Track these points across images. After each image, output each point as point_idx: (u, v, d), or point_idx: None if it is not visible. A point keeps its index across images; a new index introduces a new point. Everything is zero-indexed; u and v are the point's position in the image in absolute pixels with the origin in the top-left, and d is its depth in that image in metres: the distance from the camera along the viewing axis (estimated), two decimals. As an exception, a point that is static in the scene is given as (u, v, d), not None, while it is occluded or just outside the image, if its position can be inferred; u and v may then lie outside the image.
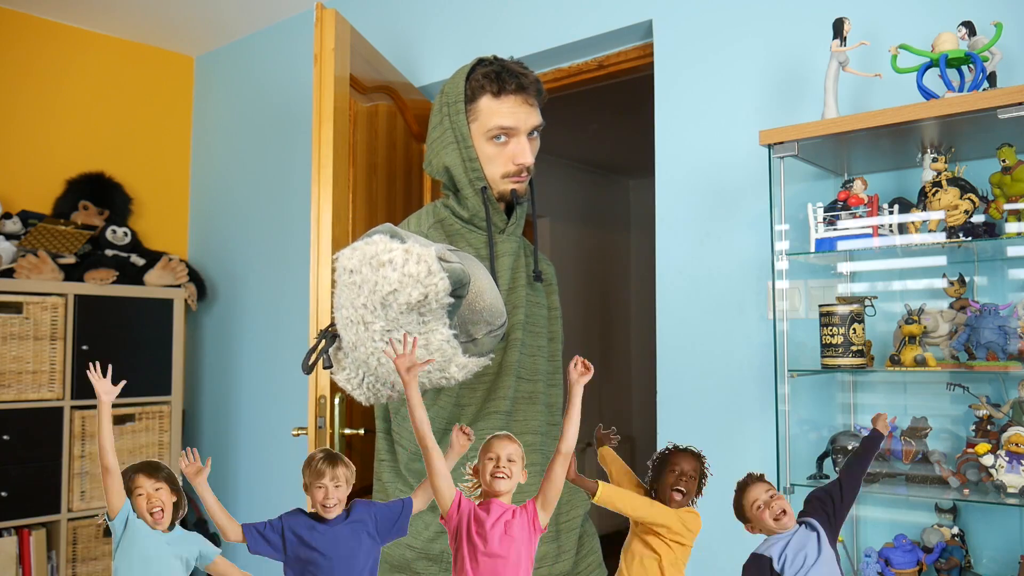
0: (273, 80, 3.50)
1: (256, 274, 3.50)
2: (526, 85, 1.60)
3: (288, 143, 3.37)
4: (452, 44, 2.81)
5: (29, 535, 2.90)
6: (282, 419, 3.30)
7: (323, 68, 1.97)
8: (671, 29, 2.29)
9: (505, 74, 1.59)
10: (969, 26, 1.62)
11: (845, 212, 1.68)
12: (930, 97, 1.60)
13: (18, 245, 3.08)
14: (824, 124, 1.63)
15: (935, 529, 1.66)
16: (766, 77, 2.09)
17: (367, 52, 2.24)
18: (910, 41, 1.74)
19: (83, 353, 3.07)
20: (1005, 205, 1.53)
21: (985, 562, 1.69)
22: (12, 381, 2.91)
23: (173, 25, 3.56)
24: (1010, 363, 1.52)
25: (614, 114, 4.63)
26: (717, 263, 2.18)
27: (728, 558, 1.40)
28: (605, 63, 2.56)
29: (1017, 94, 1.42)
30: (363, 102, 2.21)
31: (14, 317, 2.92)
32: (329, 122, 1.96)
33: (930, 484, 1.60)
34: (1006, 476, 1.47)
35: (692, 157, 2.22)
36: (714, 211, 2.19)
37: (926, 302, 1.68)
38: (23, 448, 2.91)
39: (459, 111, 1.61)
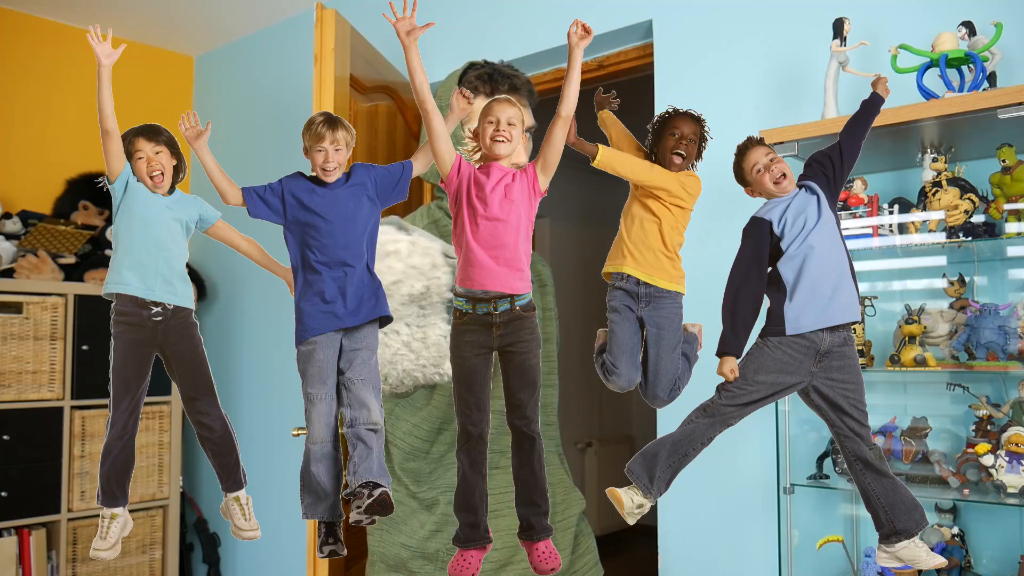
0: (273, 80, 3.50)
1: (256, 274, 3.49)
2: (518, 86, 1.62)
3: (288, 143, 3.36)
4: (452, 44, 2.81)
5: (29, 535, 2.90)
6: (282, 419, 3.29)
7: (323, 68, 1.97)
8: (671, 29, 2.29)
9: (498, 75, 1.62)
10: (969, 26, 1.62)
11: (845, 212, 1.68)
12: (930, 97, 1.60)
13: (18, 245, 3.08)
14: (824, 124, 1.63)
15: (935, 529, 1.66)
16: (766, 77, 2.09)
17: (367, 52, 2.24)
18: (910, 41, 1.74)
19: (83, 353, 3.07)
20: (1005, 205, 1.53)
21: (985, 562, 1.69)
22: (12, 381, 2.91)
23: (173, 25, 3.56)
24: (1010, 363, 1.52)
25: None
26: (717, 263, 2.17)
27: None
28: (605, 63, 2.56)
29: (1017, 94, 1.42)
30: (363, 102, 2.21)
31: (14, 317, 2.92)
32: (329, 122, 1.95)
33: (930, 484, 1.60)
34: (1006, 476, 1.47)
35: (692, 157, 2.22)
36: (714, 211, 2.18)
37: (926, 302, 1.68)
38: (23, 448, 2.91)
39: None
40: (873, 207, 1.66)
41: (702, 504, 2.13)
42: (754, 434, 2.04)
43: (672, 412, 2.21)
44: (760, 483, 2.02)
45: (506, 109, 1.12)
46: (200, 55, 3.90)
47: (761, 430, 2.03)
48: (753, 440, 2.05)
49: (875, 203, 1.66)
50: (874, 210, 1.66)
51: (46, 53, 3.46)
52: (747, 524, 2.04)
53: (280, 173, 1.45)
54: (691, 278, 2.20)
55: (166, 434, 3.28)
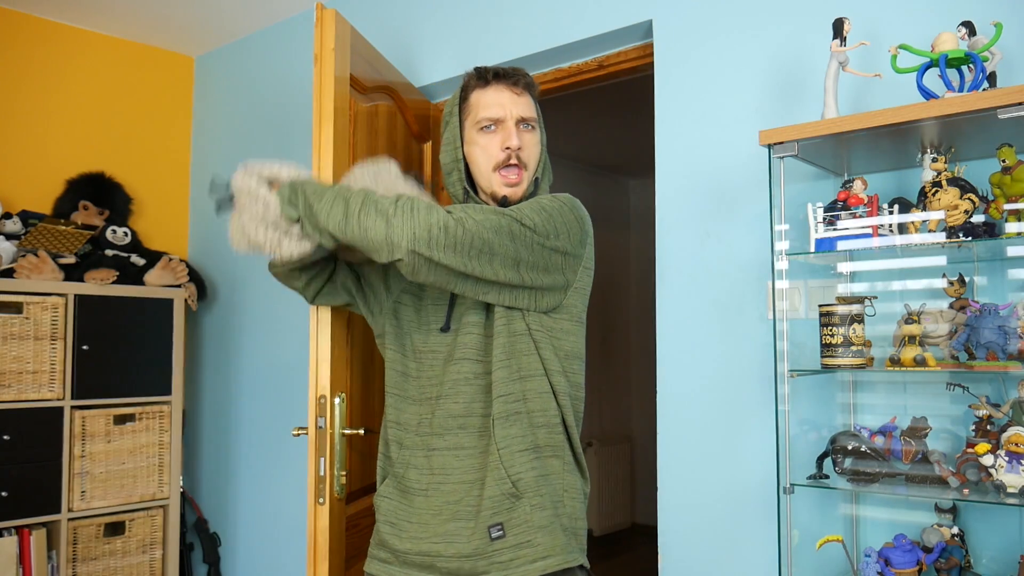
0: (273, 80, 3.50)
1: (256, 274, 3.50)
2: (513, 76, 1.66)
3: (288, 143, 3.37)
4: (452, 44, 2.81)
5: (29, 535, 2.90)
6: (282, 419, 3.30)
7: (323, 68, 1.97)
8: (671, 29, 2.29)
9: (494, 68, 1.67)
10: (969, 26, 1.62)
11: (845, 212, 1.68)
12: (930, 97, 1.60)
13: (18, 245, 3.08)
14: (824, 124, 1.63)
15: (935, 529, 1.66)
16: (766, 77, 2.09)
17: (367, 52, 2.24)
18: (910, 41, 1.74)
19: (83, 353, 3.07)
20: (1005, 205, 1.53)
21: (985, 562, 1.69)
22: (12, 381, 2.91)
23: (173, 25, 3.56)
24: (1010, 363, 1.52)
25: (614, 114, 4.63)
26: (717, 263, 2.18)
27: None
28: (605, 63, 2.56)
29: (1017, 94, 1.42)
30: (363, 102, 2.21)
31: (14, 317, 2.92)
32: (329, 122, 1.96)
33: (930, 484, 1.60)
34: (1006, 476, 1.47)
35: (692, 157, 2.22)
36: (714, 211, 2.19)
37: (926, 302, 1.68)
38: (23, 448, 2.91)
39: (453, 112, 1.67)
40: (873, 207, 1.66)
41: (702, 504, 2.14)
42: (754, 434, 2.05)
43: (672, 411, 2.21)
44: (760, 483, 2.02)
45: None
46: (200, 55, 3.90)
47: (761, 430, 2.03)
48: (753, 440, 2.05)
49: (875, 203, 1.66)
50: (874, 210, 1.66)
51: (46, 53, 3.46)
52: (747, 524, 2.04)
53: (280, 173, 1.46)
54: (691, 278, 2.21)
55: (166, 434, 3.28)
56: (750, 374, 2.07)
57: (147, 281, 3.32)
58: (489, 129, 1.63)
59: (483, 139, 1.63)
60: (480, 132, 1.64)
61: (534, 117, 1.67)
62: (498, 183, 1.63)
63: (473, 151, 1.65)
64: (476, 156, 1.65)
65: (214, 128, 3.80)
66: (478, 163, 1.65)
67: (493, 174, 1.63)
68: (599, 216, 6.29)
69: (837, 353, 1.66)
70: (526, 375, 1.54)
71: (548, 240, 1.51)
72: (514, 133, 1.62)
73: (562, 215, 1.55)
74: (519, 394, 1.53)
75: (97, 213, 3.38)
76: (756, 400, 2.05)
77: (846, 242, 1.67)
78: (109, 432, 3.13)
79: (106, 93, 3.61)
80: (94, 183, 3.43)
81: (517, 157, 1.62)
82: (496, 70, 1.66)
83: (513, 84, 1.65)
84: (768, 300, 2.04)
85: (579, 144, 5.37)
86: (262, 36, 3.58)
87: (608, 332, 6.13)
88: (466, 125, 1.67)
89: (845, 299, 1.73)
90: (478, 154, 1.64)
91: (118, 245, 3.35)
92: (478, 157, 1.64)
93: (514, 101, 1.63)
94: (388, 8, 3.02)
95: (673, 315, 2.24)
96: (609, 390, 6.10)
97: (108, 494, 3.11)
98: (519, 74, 1.67)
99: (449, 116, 1.69)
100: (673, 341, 2.23)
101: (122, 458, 3.16)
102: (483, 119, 1.63)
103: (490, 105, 1.63)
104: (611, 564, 5.26)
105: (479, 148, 1.64)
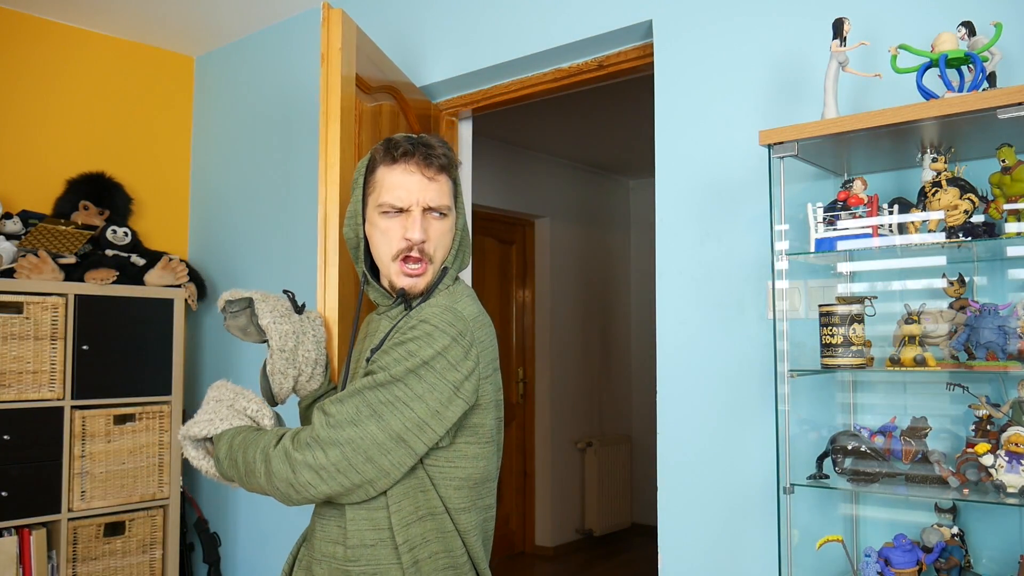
0: (273, 80, 3.50)
1: (256, 274, 3.50)
2: (427, 155, 1.43)
3: (288, 143, 3.37)
4: (452, 44, 2.81)
5: (29, 535, 2.90)
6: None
7: (330, 68, 1.97)
8: (671, 29, 2.29)
9: (404, 141, 1.45)
10: (969, 26, 1.62)
11: (845, 212, 1.68)
12: (930, 97, 1.60)
13: (18, 245, 3.08)
14: (824, 124, 1.63)
15: (935, 529, 1.66)
16: (766, 77, 2.10)
17: (371, 52, 2.24)
18: (910, 41, 1.74)
19: (83, 353, 3.07)
20: (1005, 205, 1.53)
21: (985, 562, 1.69)
22: (12, 381, 2.91)
23: (173, 25, 3.56)
24: (1010, 363, 1.52)
25: (614, 114, 4.63)
26: (717, 263, 2.18)
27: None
28: (605, 63, 2.56)
29: (1017, 94, 1.42)
30: (368, 102, 2.21)
31: (14, 317, 2.92)
32: (336, 122, 1.95)
33: (930, 484, 1.60)
34: (1006, 476, 1.47)
35: (692, 157, 2.22)
36: (714, 211, 2.19)
37: (926, 302, 1.68)
38: (23, 448, 2.91)
39: (358, 184, 1.50)
40: (873, 207, 1.66)
41: (702, 504, 2.14)
42: (754, 434, 2.05)
43: (672, 412, 2.21)
44: (760, 483, 2.02)
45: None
46: (200, 55, 3.90)
47: (761, 430, 2.03)
48: (753, 440, 2.05)
49: (875, 203, 1.66)
50: (874, 210, 1.66)
51: (46, 53, 3.46)
52: (747, 524, 2.04)
53: (279, 172, 1.46)
54: (691, 278, 2.21)
55: (166, 434, 3.28)
56: (750, 374, 2.07)
57: (147, 281, 3.32)
58: (391, 215, 1.43)
59: (384, 223, 1.43)
60: (381, 215, 1.44)
61: (446, 204, 1.45)
62: (396, 273, 1.45)
63: (373, 234, 1.46)
64: (376, 240, 1.46)
65: (214, 128, 3.80)
66: (378, 248, 1.46)
67: (392, 263, 1.45)
68: (599, 216, 6.29)
69: (837, 353, 1.66)
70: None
71: (426, 386, 1.33)
72: (418, 224, 1.41)
73: (440, 342, 1.34)
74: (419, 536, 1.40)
75: (97, 213, 3.38)
76: (756, 400, 2.05)
77: (846, 242, 1.67)
78: (109, 432, 3.13)
79: (106, 93, 3.61)
80: (94, 183, 3.43)
81: (420, 250, 1.43)
82: (408, 146, 1.43)
83: (425, 165, 1.42)
84: (768, 300, 2.04)
85: (579, 144, 5.37)
86: (262, 36, 3.58)
87: (608, 332, 6.14)
88: (368, 202, 1.47)
89: (845, 299, 1.74)
90: (378, 238, 1.45)
91: (118, 245, 3.35)
92: (378, 241, 1.46)
93: (423, 187, 1.42)
94: (389, 8, 3.02)
95: (673, 315, 2.24)
96: (609, 390, 6.10)
97: (108, 494, 3.11)
98: (434, 153, 1.44)
99: (354, 186, 1.49)
100: (673, 341, 2.23)
101: (122, 458, 3.17)
102: (385, 203, 1.43)
103: (394, 188, 1.42)
104: (611, 564, 5.26)
105: (379, 232, 1.45)
